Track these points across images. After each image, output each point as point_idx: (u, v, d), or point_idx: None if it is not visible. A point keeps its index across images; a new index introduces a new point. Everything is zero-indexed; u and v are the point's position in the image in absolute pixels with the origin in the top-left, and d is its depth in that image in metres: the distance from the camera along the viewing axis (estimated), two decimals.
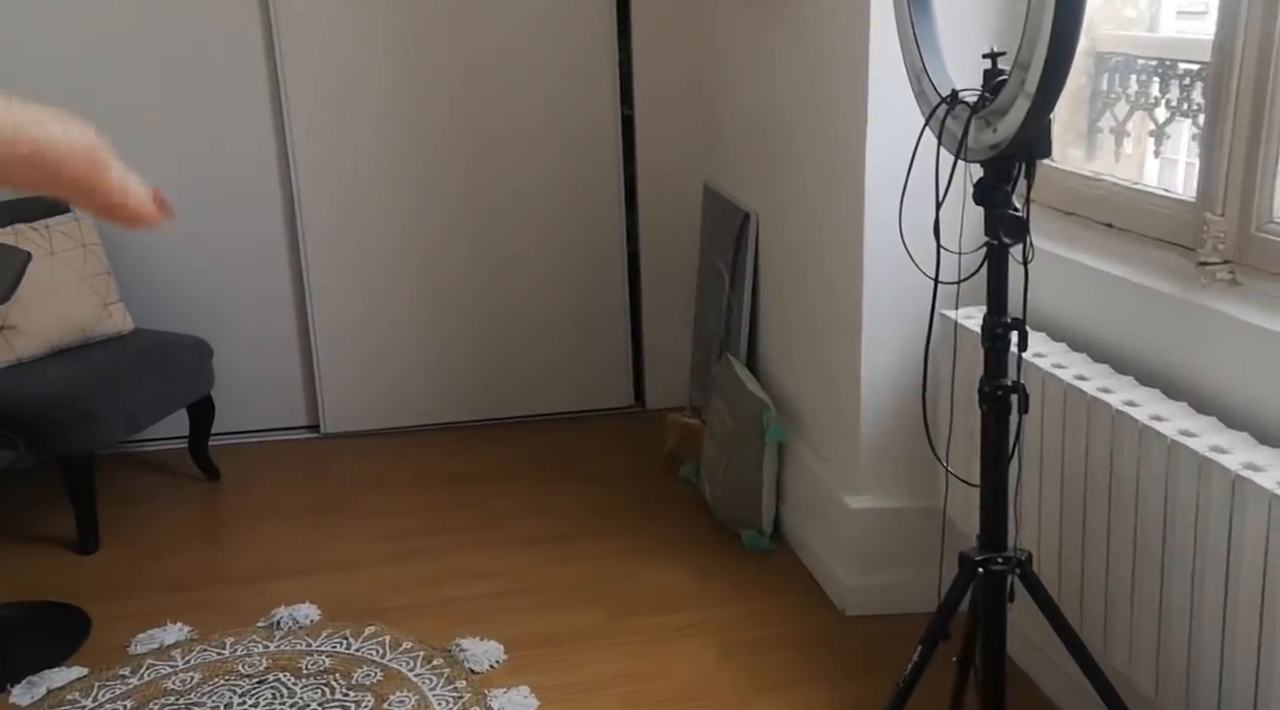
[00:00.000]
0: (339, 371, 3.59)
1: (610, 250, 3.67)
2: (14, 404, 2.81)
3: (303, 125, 3.38)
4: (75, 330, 3.09)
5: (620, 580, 2.69)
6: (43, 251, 3.06)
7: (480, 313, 3.64)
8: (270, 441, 3.59)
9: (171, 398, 3.13)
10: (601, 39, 3.49)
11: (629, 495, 3.15)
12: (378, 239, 3.52)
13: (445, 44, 3.40)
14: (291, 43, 3.32)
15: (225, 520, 3.09)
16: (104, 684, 2.35)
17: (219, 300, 3.49)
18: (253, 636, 2.51)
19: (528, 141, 3.53)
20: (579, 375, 3.74)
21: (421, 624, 2.52)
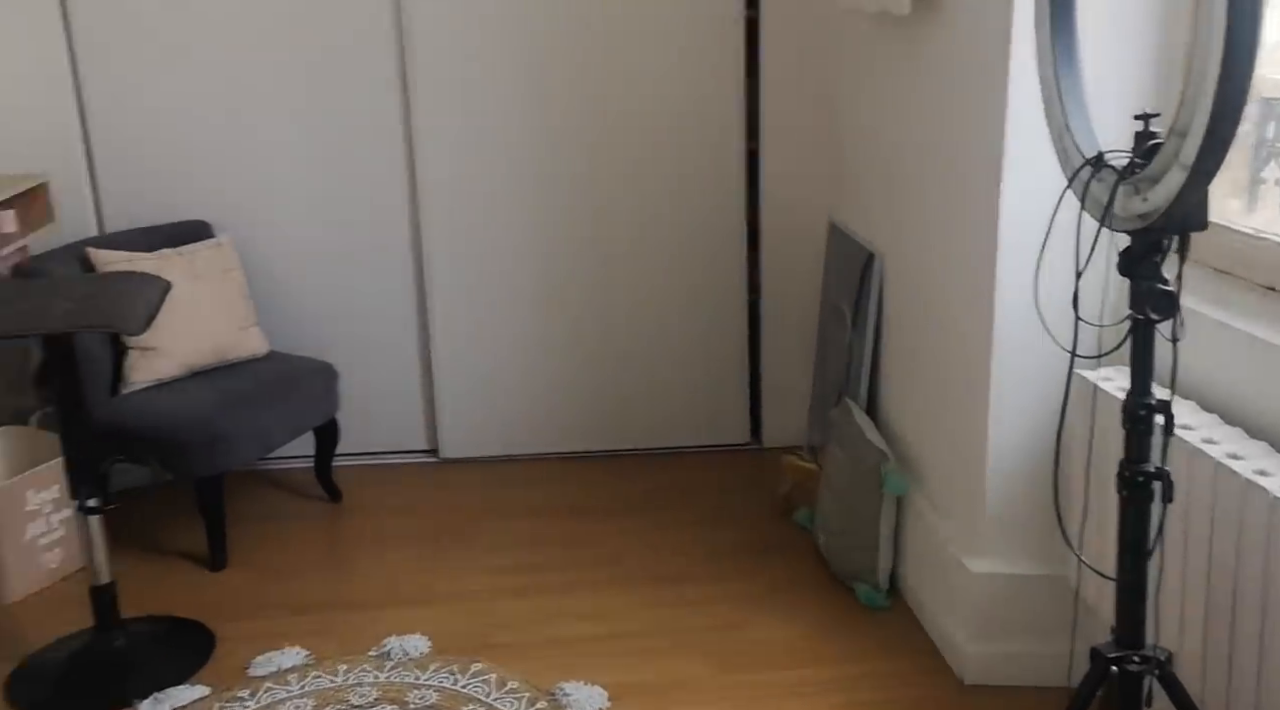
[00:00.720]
0: (457, 398, 3.64)
1: (731, 284, 3.62)
2: (151, 424, 2.94)
3: (429, 160, 3.45)
4: (212, 353, 3.21)
5: (730, 629, 2.64)
6: (185, 276, 3.19)
7: (599, 344, 3.64)
8: (390, 464, 3.66)
9: (299, 420, 3.22)
10: (728, 72, 3.45)
11: (742, 538, 3.09)
12: (499, 270, 3.56)
13: (571, 73, 3.42)
14: (421, 78, 3.38)
15: (345, 544, 3.16)
16: (224, 705, 2.42)
17: (346, 325, 3.58)
18: (364, 665, 2.55)
19: (651, 174, 3.52)
20: (696, 410, 3.70)
21: (527, 663, 2.52)
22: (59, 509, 2.95)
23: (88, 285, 2.55)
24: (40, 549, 2.92)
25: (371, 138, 3.45)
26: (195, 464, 2.92)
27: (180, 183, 3.42)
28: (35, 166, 3.25)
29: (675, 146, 3.50)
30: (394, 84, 3.41)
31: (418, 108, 3.41)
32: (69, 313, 2.34)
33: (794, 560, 2.96)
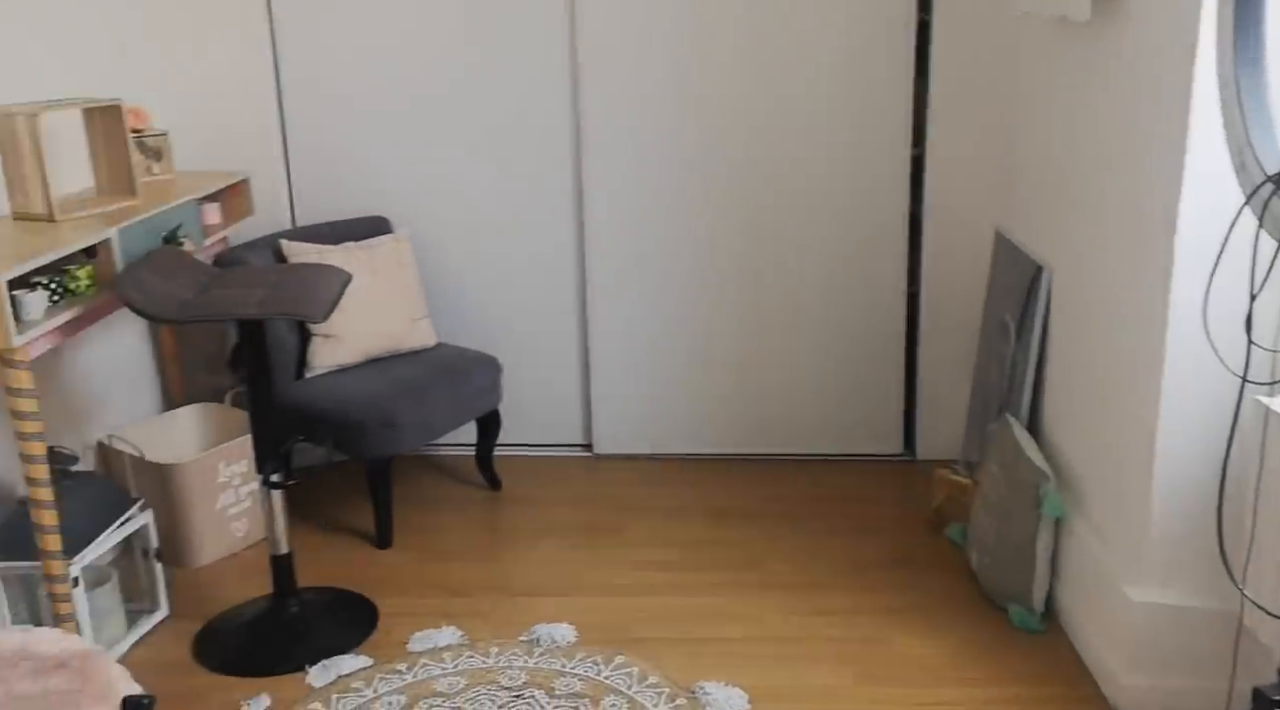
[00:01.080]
0: (613, 396, 3.73)
1: (890, 291, 3.58)
2: (331, 407, 3.14)
3: (594, 162, 3.54)
4: (387, 342, 3.41)
5: (872, 642, 2.62)
6: (366, 269, 3.39)
7: (753, 346, 3.66)
8: (547, 457, 3.78)
9: (464, 410, 3.37)
10: (897, 76, 3.40)
11: (890, 550, 3.06)
12: (658, 271, 3.62)
13: (735, 73, 3.45)
14: (589, 84, 3.48)
15: (502, 531, 3.29)
16: (384, 676, 2.57)
17: (509, 321, 3.72)
18: (514, 650, 2.66)
19: (812, 176, 3.51)
20: (849, 417, 3.67)
21: (669, 660, 2.57)
22: (246, 482, 3.19)
23: (278, 275, 2.76)
24: (229, 518, 3.16)
25: (541, 141, 3.57)
26: (368, 446, 3.10)
27: (364, 181, 3.63)
28: (238, 164, 3.52)
29: (838, 149, 3.48)
30: (564, 90, 3.52)
31: (585, 113, 3.51)
32: (261, 300, 2.53)
33: (943, 576, 2.90)
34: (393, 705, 2.46)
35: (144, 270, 2.60)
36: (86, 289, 2.52)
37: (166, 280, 2.61)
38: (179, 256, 2.77)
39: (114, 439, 3.11)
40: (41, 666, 1.74)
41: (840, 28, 3.39)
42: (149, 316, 2.45)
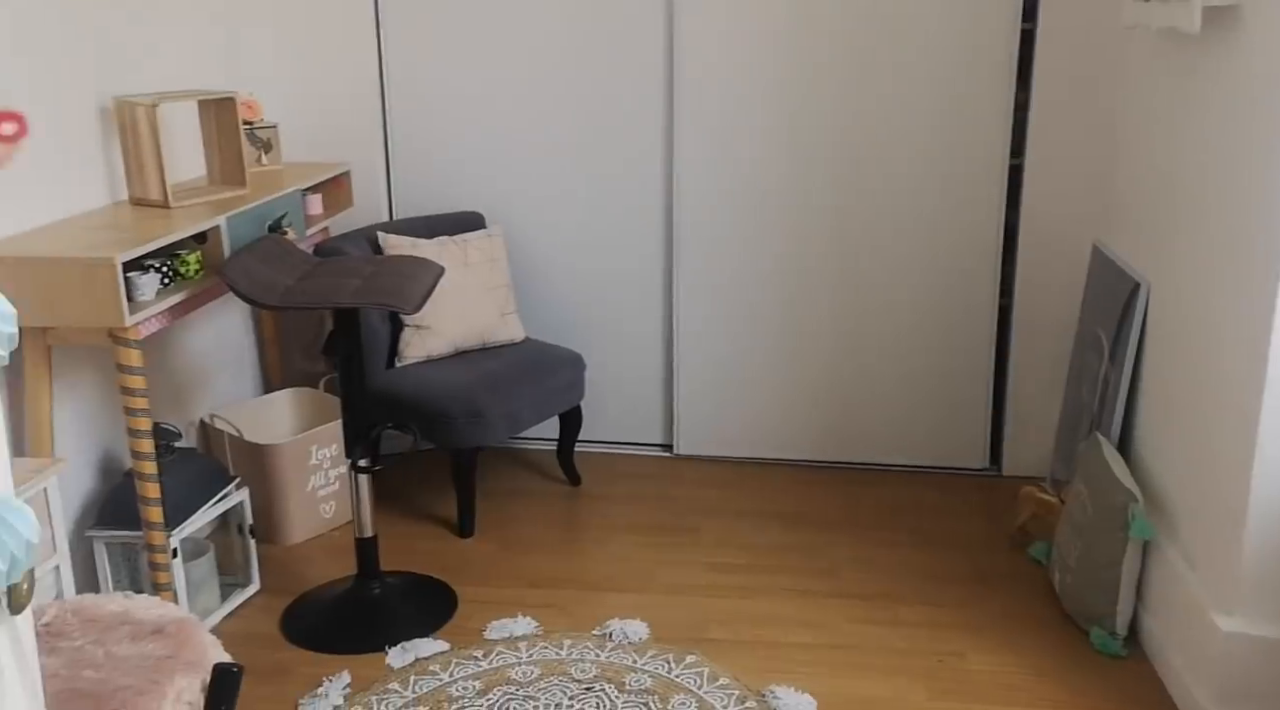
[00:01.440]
0: (696, 398, 3.75)
1: (981, 302, 3.52)
2: (418, 396, 3.22)
3: (687, 166, 3.56)
4: (476, 335, 3.48)
5: (947, 656, 2.59)
6: (458, 262, 3.47)
7: (838, 353, 3.64)
8: (626, 455, 3.82)
9: (548, 405, 3.43)
10: (999, 84, 3.35)
11: (968, 565, 3.01)
12: (746, 274, 3.63)
13: (834, 76, 3.43)
14: (685, 86, 3.50)
15: (579, 526, 3.34)
16: (460, 662, 2.64)
17: (596, 319, 3.77)
18: (587, 643, 2.70)
19: (907, 183, 3.48)
20: (933, 429, 3.63)
21: (739, 662, 2.58)
22: (335, 466, 3.29)
23: (374, 266, 2.84)
24: (318, 500, 3.27)
25: (634, 143, 3.61)
26: (455, 436, 3.17)
27: (460, 177, 3.72)
28: (341, 156, 3.63)
29: (934, 157, 3.44)
30: (659, 93, 3.55)
31: (679, 115, 3.53)
32: (357, 290, 2.62)
33: (1023, 594, 2.85)
34: (468, 690, 2.52)
35: (249, 257, 2.71)
36: (195, 273, 2.64)
37: (270, 267, 2.71)
38: (282, 245, 2.88)
39: (215, 418, 3.24)
40: (140, 631, 1.83)
41: (942, 36, 3.35)
42: (252, 302, 2.55)
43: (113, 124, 2.78)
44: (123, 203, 2.82)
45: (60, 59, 2.60)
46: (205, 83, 3.20)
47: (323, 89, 3.62)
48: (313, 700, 2.48)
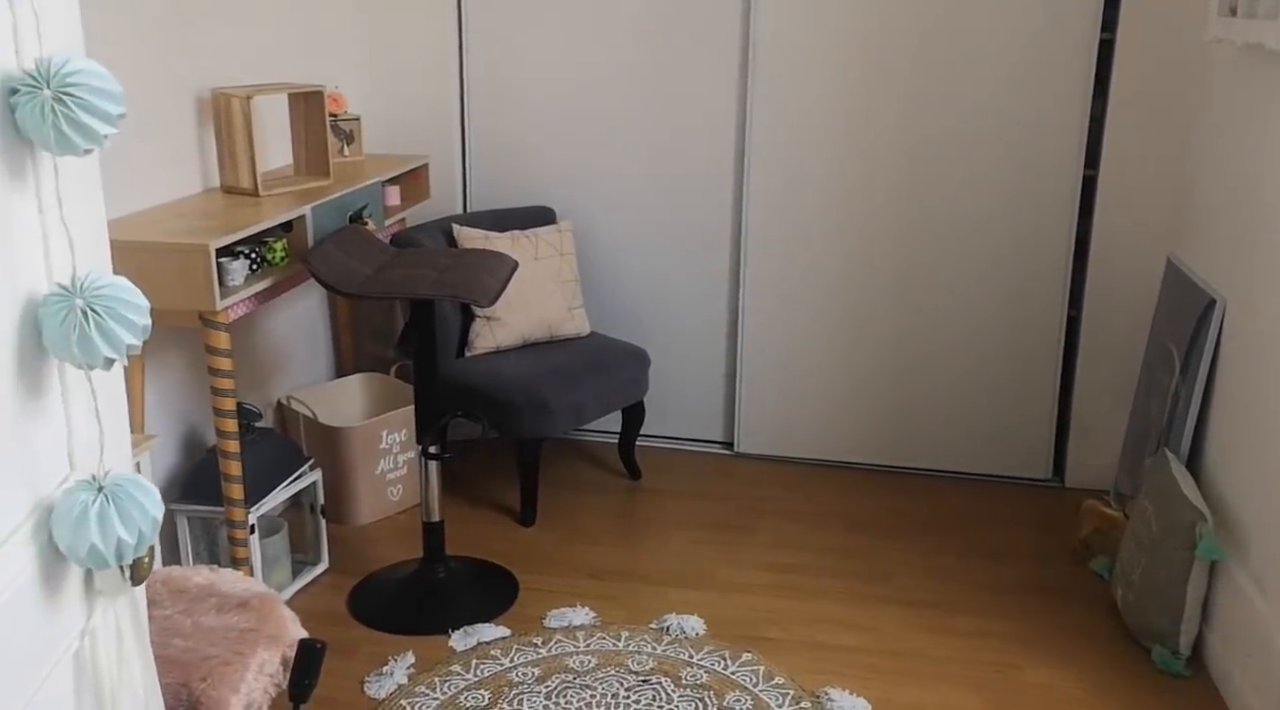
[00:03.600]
0: (758, 397, 3.78)
1: (1048, 312, 3.50)
2: (487, 386, 3.29)
3: (758, 165, 3.59)
4: (543, 328, 3.54)
5: (1002, 668, 2.59)
6: (529, 256, 3.54)
7: (901, 357, 3.64)
8: (687, 451, 3.86)
9: (612, 399, 3.48)
10: (1075, 95, 3.33)
11: (1027, 577, 3.01)
12: (813, 275, 3.64)
13: (908, 82, 3.43)
14: (760, 89, 3.53)
15: (638, 520, 3.39)
16: (520, 648, 2.70)
17: (661, 316, 3.81)
18: (644, 636, 2.75)
19: (976, 190, 3.47)
20: (995, 437, 3.61)
21: (794, 662, 2.61)
22: (404, 450, 3.38)
23: (450, 259, 2.91)
24: (386, 483, 3.36)
25: (705, 144, 3.64)
26: (521, 426, 3.24)
27: (533, 172, 3.78)
28: (419, 149, 3.72)
29: (1006, 164, 3.43)
30: (732, 97, 3.58)
31: (752, 119, 3.56)
32: (434, 282, 2.69)
33: (1084, 609, 2.84)
34: (527, 676, 2.59)
35: (332, 246, 2.79)
36: (281, 260, 2.73)
37: (351, 257, 2.80)
38: (363, 235, 2.96)
39: (291, 400, 3.35)
40: (225, 604, 1.91)
41: (1019, 44, 3.34)
42: (333, 289, 2.63)
43: (207, 114, 2.88)
44: (214, 190, 2.93)
45: (160, 52, 2.70)
46: (291, 76, 3.30)
47: (404, 83, 3.70)
48: (378, 678, 2.56)
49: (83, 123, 0.85)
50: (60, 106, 0.83)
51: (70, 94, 0.84)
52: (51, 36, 0.87)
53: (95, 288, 0.88)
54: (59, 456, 0.92)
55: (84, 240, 0.91)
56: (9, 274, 0.85)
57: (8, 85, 0.84)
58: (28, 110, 0.83)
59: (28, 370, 0.87)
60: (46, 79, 0.83)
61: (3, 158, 0.83)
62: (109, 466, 0.93)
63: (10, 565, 0.84)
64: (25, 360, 0.86)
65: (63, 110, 0.84)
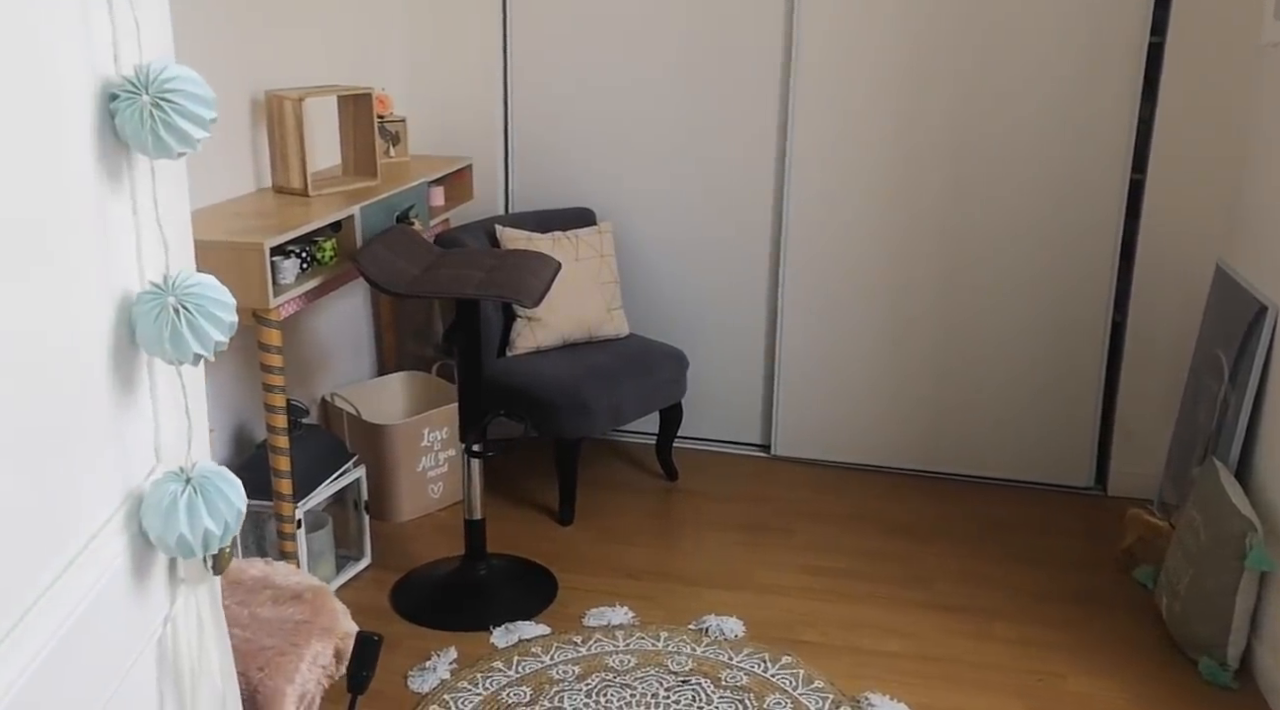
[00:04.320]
0: (796, 399, 3.78)
1: (1092, 317, 3.48)
2: (528, 385, 3.32)
3: (799, 167, 3.59)
4: (583, 328, 3.57)
5: (1045, 676, 2.59)
6: (569, 257, 3.56)
7: (943, 361, 3.64)
8: (723, 453, 3.87)
9: (650, 400, 3.50)
10: (1123, 98, 3.31)
11: (1070, 585, 3.00)
12: (850, 280, 3.65)
13: (951, 85, 3.43)
14: (802, 91, 3.53)
15: (676, 520, 3.41)
16: (560, 646, 2.73)
17: (700, 318, 3.83)
18: (683, 637, 2.77)
19: (1021, 194, 3.46)
20: (1036, 444, 3.60)
21: (834, 666, 2.62)
22: (445, 448, 3.41)
23: (495, 260, 2.94)
24: (427, 480, 3.40)
25: (745, 146, 3.65)
26: (561, 426, 3.27)
27: (575, 174, 3.81)
28: (462, 150, 3.76)
29: (1051, 167, 3.42)
30: (774, 99, 3.59)
31: (793, 121, 3.56)
32: (481, 282, 2.72)
33: (1127, 618, 2.83)
34: (568, 675, 2.61)
35: (380, 246, 2.83)
36: (330, 259, 2.78)
37: (398, 257, 2.83)
38: (410, 235, 3.00)
39: (335, 397, 3.39)
40: (280, 596, 1.95)
41: (1068, 47, 3.32)
42: (382, 289, 2.67)
43: (260, 116, 2.93)
44: (266, 190, 2.98)
45: (217, 56, 2.76)
46: (339, 78, 3.35)
47: (448, 85, 3.74)
48: (421, 673, 2.60)
49: (178, 127, 0.88)
50: (158, 112, 0.86)
51: (167, 99, 0.87)
52: (150, 44, 0.90)
53: (186, 286, 0.91)
54: (147, 449, 0.95)
55: (174, 240, 0.94)
56: (106, 273, 0.88)
57: (108, 91, 0.87)
58: (127, 115, 0.86)
59: (121, 366, 0.90)
60: (145, 85, 0.87)
61: (102, 161, 0.86)
62: (195, 459, 0.96)
63: (105, 552, 0.87)
64: (119, 356, 0.90)
65: (160, 115, 0.87)
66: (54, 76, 0.79)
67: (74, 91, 0.82)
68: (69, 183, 0.82)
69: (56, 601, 0.81)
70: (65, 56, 0.81)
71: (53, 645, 0.80)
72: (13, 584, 0.77)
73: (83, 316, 0.84)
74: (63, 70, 0.81)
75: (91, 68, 0.85)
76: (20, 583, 0.78)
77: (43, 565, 0.81)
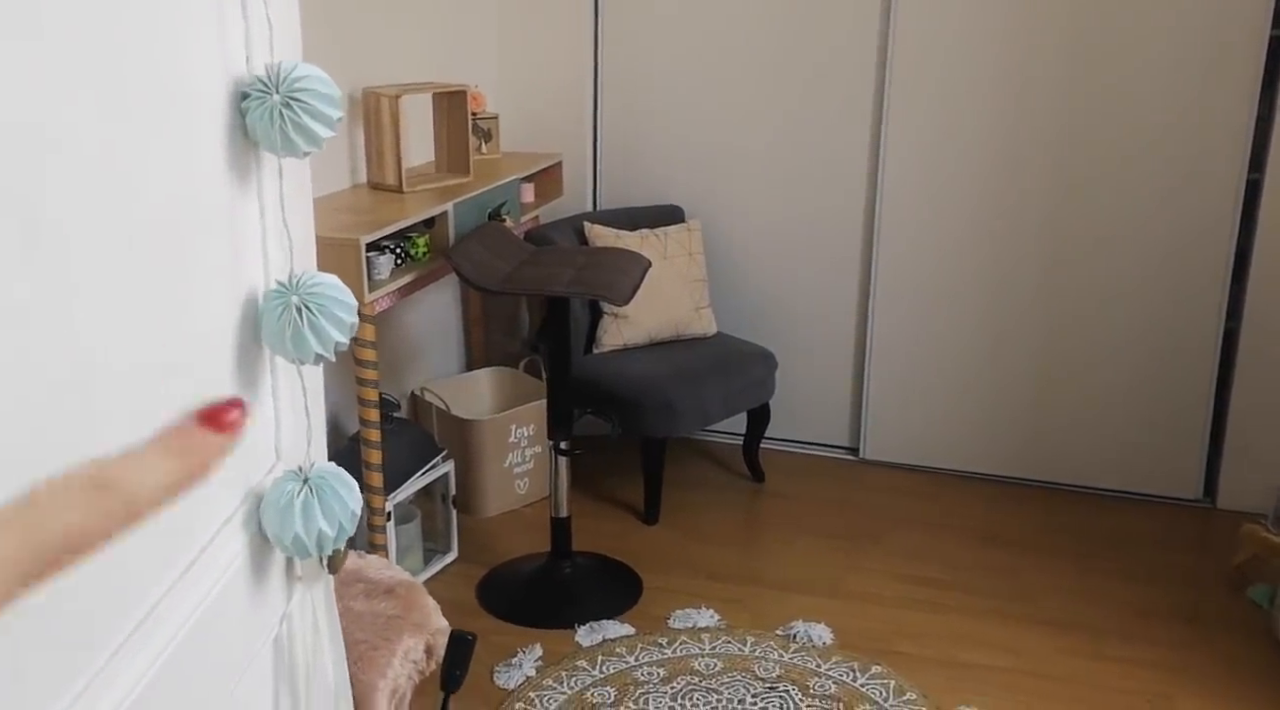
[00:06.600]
0: (886, 402, 3.71)
1: (1203, 324, 3.34)
2: (614, 384, 3.31)
3: (894, 163, 3.52)
4: (670, 327, 3.54)
5: (1153, 697, 2.49)
6: (658, 255, 3.54)
7: (1041, 365, 3.53)
8: (811, 456, 3.81)
9: (738, 401, 3.46)
10: (1241, 94, 3.17)
11: (1179, 603, 2.88)
12: (946, 279, 3.56)
13: (1054, 84, 3.32)
14: (897, 91, 3.45)
15: (762, 523, 3.37)
16: (645, 647, 2.71)
17: (789, 318, 3.77)
18: (770, 642, 2.73)
19: (1128, 193, 3.33)
20: (1141, 453, 3.47)
21: (928, 679, 2.55)
22: (532, 445, 3.42)
23: (586, 257, 2.94)
24: (514, 476, 3.41)
25: (839, 144, 3.59)
26: (647, 425, 3.25)
27: (663, 171, 3.78)
28: (553, 147, 3.76)
29: (1163, 165, 3.29)
30: (868, 95, 3.52)
31: (889, 119, 3.49)
32: (572, 280, 2.71)
33: (1240, 638, 2.71)
34: (653, 676, 2.59)
35: (473, 243, 2.84)
36: (423, 256, 2.80)
37: (491, 253, 2.84)
38: (502, 232, 3.01)
39: (425, 391, 3.42)
40: (373, 590, 1.96)
41: (1181, 40, 3.19)
42: (476, 286, 2.68)
43: (357, 112, 2.96)
44: (361, 186, 3.01)
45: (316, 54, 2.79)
46: (431, 75, 3.37)
47: (538, 82, 3.75)
48: (507, 669, 2.60)
49: (307, 126, 0.87)
50: (288, 111, 0.86)
51: (297, 99, 0.86)
52: (280, 44, 0.89)
53: (309, 285, 0.91)
54: (268, 447, 0.95)
55: (299, 240, 0.94)
56: (235, 271, 0.88)
57: (239, 90, 0.87)
58: (257, 115, 0.86)
59: (246, 364, 0.90)
60: (276, 84, 0.86)
61: (232, 161, 0.86)
62: (313, 459, 0.95)
63: (227, 549, 0.88)
64: (244, 354, 0.90)
65: (289, 114, 0.86)
66: (190, 76, 0.79)
67: (208, 91, 0.82)
68: (202, 182, 0.82)
69: (181, 598, 0.82)
70: (200, 56, 0.81)
71: (177, 642, 0.80)
72: (142, 579, 0.77)
73: (214, 315, 0.84)
74: (198, 70, 0.81)
75: (224, 67, 0.84)
76: (148, 578, 0.78)
77: (170, 562, 0.81)
